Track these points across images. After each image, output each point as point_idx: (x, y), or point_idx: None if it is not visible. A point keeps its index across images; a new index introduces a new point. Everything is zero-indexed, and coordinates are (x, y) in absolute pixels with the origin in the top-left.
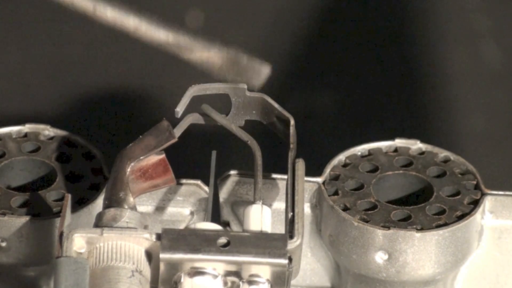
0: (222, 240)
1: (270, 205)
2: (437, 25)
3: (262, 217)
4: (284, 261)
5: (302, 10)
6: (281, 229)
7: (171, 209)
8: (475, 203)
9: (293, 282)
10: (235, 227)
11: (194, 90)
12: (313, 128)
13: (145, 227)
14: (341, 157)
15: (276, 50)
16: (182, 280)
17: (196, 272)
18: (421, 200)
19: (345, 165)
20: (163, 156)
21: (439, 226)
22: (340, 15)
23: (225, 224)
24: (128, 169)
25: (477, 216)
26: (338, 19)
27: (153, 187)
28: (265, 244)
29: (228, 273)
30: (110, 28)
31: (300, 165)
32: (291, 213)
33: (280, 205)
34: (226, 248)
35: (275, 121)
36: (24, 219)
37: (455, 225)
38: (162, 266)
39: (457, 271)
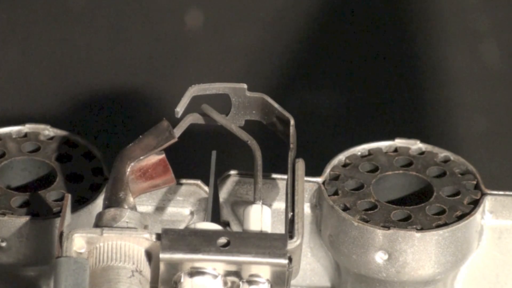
0: (222, 240)
1: (270, 205)
2: (437, 25)
3: (262, 217)
4: (284, 261)
5: (302, 10)
6: (281, 229)
7: (171, 209)
8: (475, 203)
9: (293, 282)
10: (235, 227)
11: (194, 90)
12: (313, 128)
13: (145, 227)
14: (341, 157)
15: (276, 50)
16: (182, 280)
17: (196, 272)
18: (421, 200)
19: (345, 165)
20: (163, 156)
21: (439, 226)
22: (340, 15)
23: (225, 224)
24: (128, 169)
25: (477, 216)
26: (338, 19)
27: (153, 187)
28: (265, 244)
29: (228, 273)
30: (110, 28)
31: (300, 165)
32: (291, 213)
33: (280, 205)
34: (226, 248)
35: (275, 121)
36: (24, 219)
37: (455, 225)
38: (162, 266)
39: (457, 271)
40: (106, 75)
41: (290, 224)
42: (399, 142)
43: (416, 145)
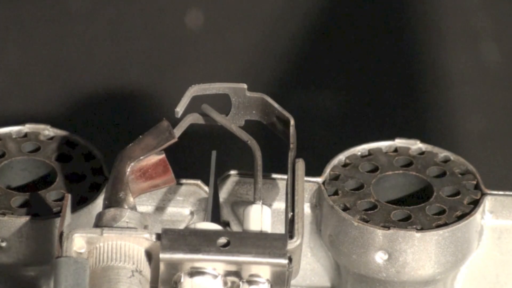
0: (222, 240)
1: (270, 205)
2: (437, 25)
3: (262, 217)
4: (284, 261)
5: (302, 10)
6: (281, 229)
7: (171, 209)
8: (475, 203)
9: (293, 282)
10: (235, 227)
11: (194, 90)
12: (313, 128)
13: (145, 227)
14: (341, 157)
15: (276, 50)
16: (182, 280)
17: (196, 272)
18: (421, 200)
19: (345, 165)
20: (163, 156)
21: (439, 226)
22: (340, 15)
23: (225, 224)
24: (128, 169)
25: (477, 216)
26: (338, 19)
27: (153, 187)
28: (265, 244)
29: (228, 273)
30: (110, 28)
31: (300, 165)
32: (291, 213)
33: (280, 205)
34: (226, 248)
35: (275, 121)
36: (24, 219)
37: (455, 225)
38: (162, 266)
39: (457, 271)
40: (106, 75)
41: (290, 224)
42: (399, 142)
43: (416, 145)
